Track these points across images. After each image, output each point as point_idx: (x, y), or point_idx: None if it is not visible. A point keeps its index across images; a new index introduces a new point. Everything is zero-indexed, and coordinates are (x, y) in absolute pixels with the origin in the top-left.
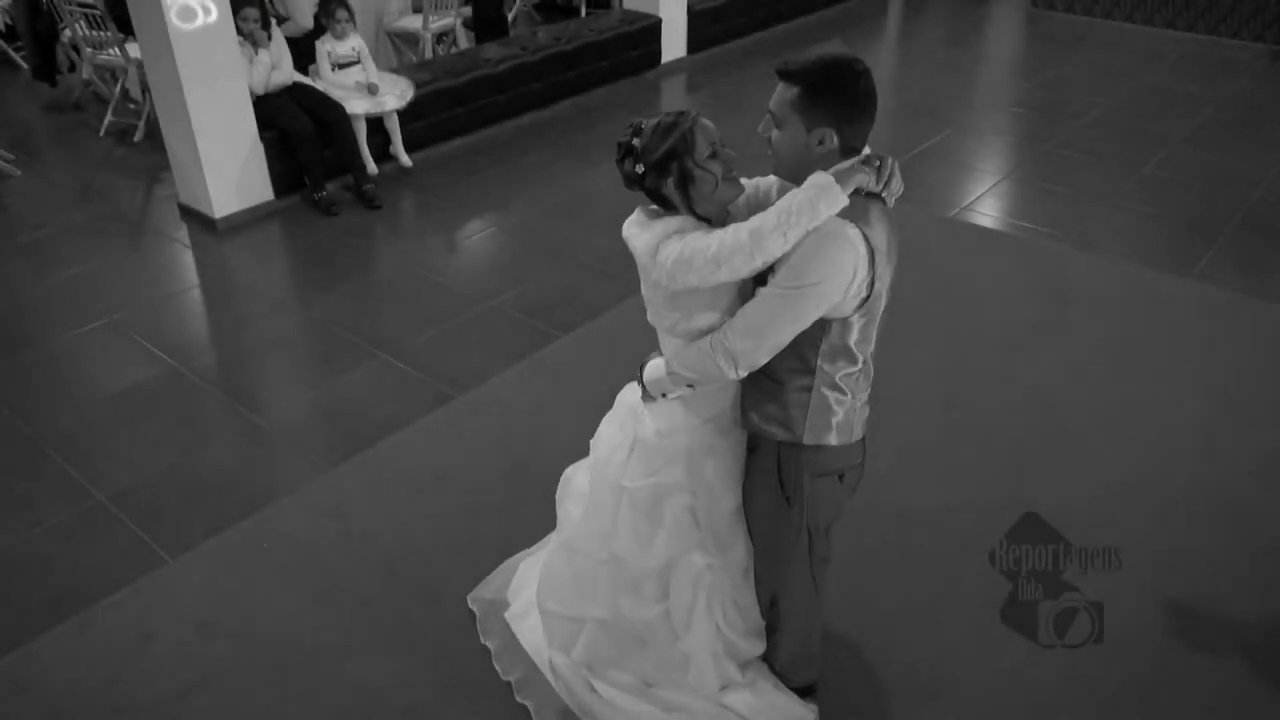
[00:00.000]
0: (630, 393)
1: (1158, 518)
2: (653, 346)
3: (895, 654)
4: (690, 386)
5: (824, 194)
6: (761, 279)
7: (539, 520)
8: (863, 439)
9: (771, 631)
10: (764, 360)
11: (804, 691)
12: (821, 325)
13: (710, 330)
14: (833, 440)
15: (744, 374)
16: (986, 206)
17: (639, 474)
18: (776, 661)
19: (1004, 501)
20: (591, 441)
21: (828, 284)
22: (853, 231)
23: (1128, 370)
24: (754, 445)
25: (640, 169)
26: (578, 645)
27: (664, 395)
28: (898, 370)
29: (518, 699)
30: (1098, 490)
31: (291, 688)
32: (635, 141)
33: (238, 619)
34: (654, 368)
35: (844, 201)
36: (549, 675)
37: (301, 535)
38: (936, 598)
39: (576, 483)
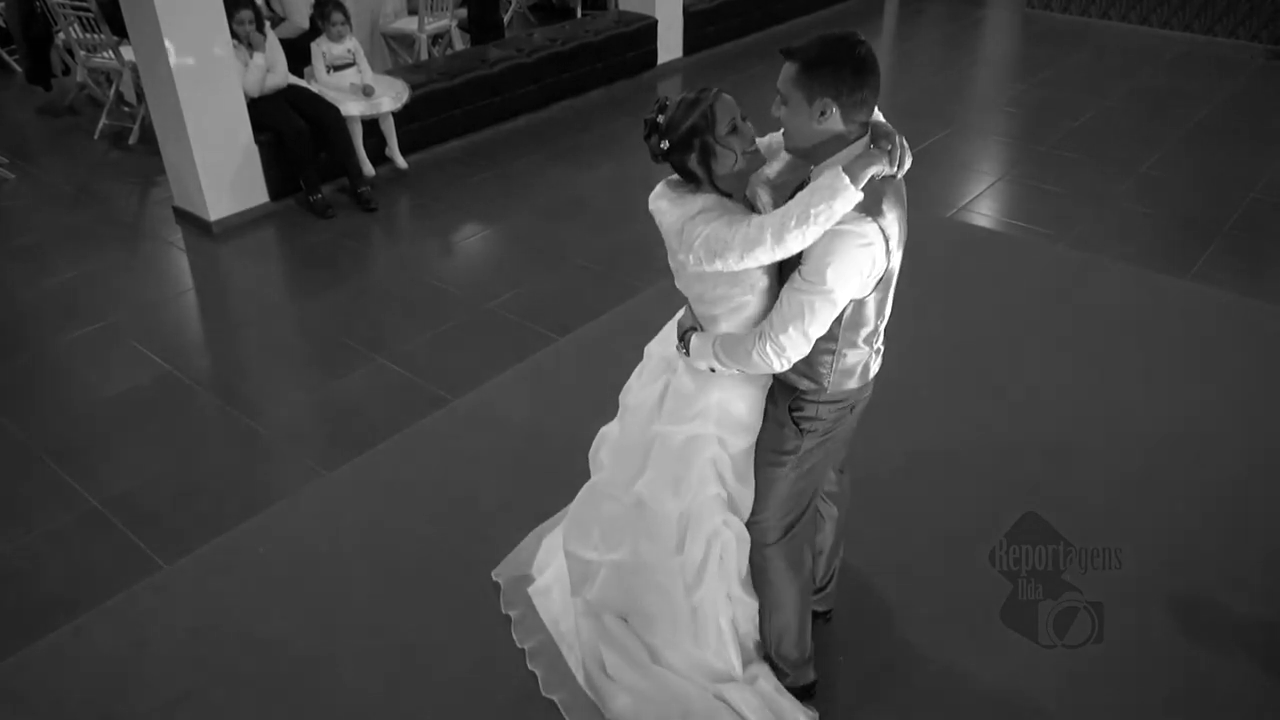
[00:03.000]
0: (660, 345)
1: (1157, 517)
2: (646, 344)
3: (895, 655)
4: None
5: (839, 194)
6: (791, 260)
7: (536, 522)
8: (873, 378)
9: (763, 618)
10: (807, 350)
11: (803, 693)
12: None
13: (734, 302)
14: (853, 384)
15: (790, 365)
16: (984, 206)
17: (672, 419)
18: (769, 650)
19: (1003, 501)
20: (620, 394)
21: (849, 282)
22: (869, 227)
23: (1125, 370)
24: (782, 385)
25: (665, 145)
26: (594, 587)
27: (712, 370)
28: (895, 369)
29: (529, 666)
30: (1097, 489)
31: (287, 694)
32: (660, 119)
33: (233, 625)
34: (698, 350)
35: (858, 198)
36: (563, 647)
37: (297, 540)
38: (936, 598)
39: (610, 432)
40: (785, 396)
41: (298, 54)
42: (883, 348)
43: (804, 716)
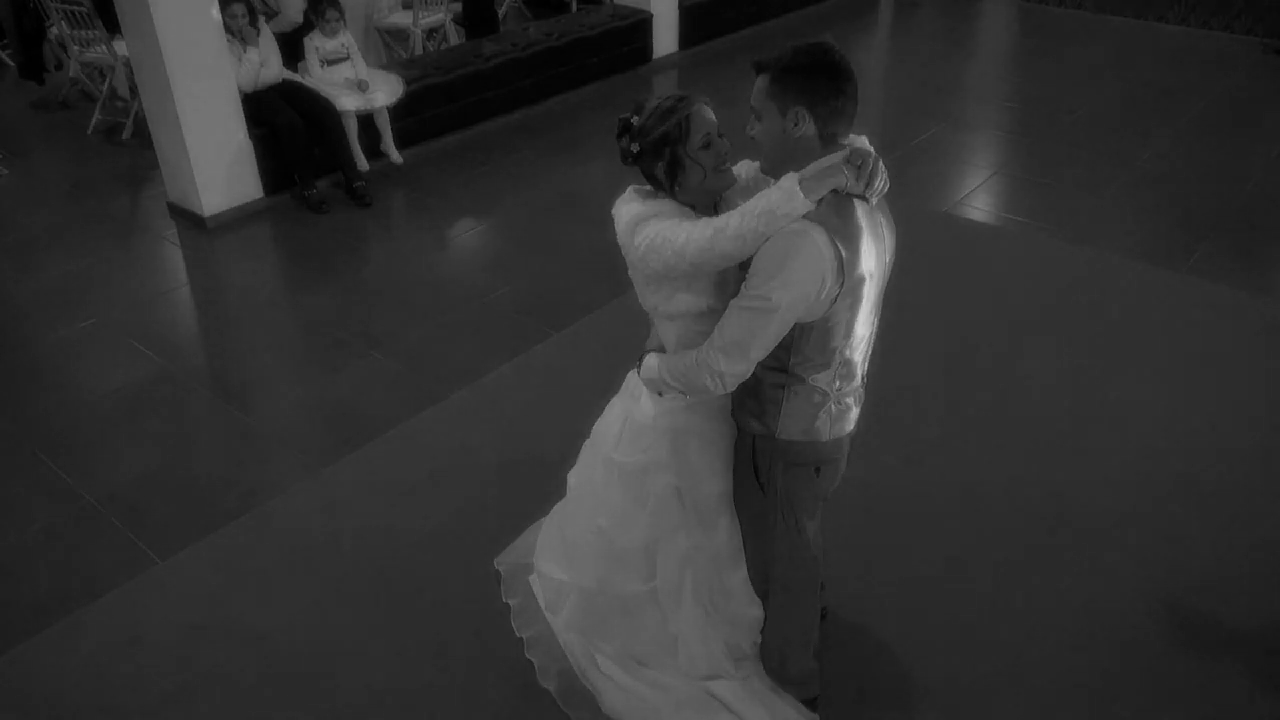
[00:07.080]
0: (634, 372)
1: (1155, 513)
2: (644, 342)
3: (894, 654)
4: (684, 393)
5: (785, 200)
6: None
7: (532, 518)
8: (845, 436)
9: (763, 630)
10: (748, 373)
11: (806, 706)
12: (798, 328)
13: (690, 313)
14: (805, 438)
15: (731, 388)
16: (980, 201)
17: (628, 451)
18: (767, 660)
19: (1001, 498)
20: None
21: (792, 296)
22: (820, 237)
23: (1121, 364)
24: (739, 430)
25: (635, 148)
26: (565, 610)
27: (660, 393)
28: (892, 365)
29: (526, 655)
30: (1095, 485)
31: (283, 690)
32: (634, 119)
33: (228, 621)
34: (649, 366)
35: (806, 207)
36: (560, 637)
37: (293, 535)
38: (935, 596)
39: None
40: (745, 443)
41: (292, 48)
42: (856, 406)
43: (797, 712)
